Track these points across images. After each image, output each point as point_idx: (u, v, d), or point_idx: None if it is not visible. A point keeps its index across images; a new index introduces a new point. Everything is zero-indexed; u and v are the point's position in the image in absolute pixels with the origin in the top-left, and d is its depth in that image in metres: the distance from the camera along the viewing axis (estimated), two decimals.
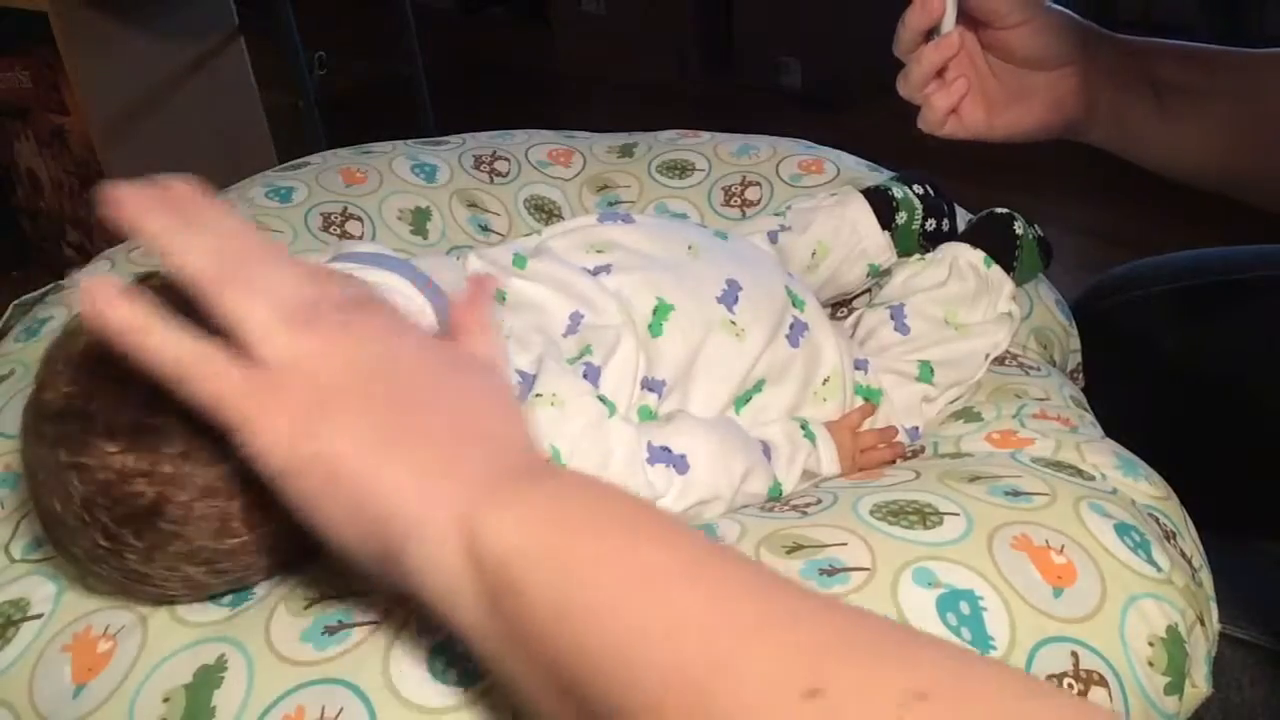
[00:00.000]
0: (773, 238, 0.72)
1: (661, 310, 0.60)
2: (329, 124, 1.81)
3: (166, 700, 0.44)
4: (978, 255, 0.70)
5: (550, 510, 0.36)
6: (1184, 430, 0.75)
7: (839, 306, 0.77)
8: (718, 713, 0.29)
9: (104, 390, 0.44)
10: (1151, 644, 0.47)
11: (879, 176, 0.80)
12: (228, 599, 0.49)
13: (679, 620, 0.32)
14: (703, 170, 0.84)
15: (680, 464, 0.54)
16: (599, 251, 0.63)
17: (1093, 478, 0.55)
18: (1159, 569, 0.49)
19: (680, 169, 0.84)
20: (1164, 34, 0.67)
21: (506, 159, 0.85)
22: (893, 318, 0.68)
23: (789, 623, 0.31)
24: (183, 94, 1.61)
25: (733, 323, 0.61)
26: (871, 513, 0.51)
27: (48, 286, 0.72)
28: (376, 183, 0.80)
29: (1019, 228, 0.73)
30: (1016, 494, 0.52)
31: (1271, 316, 0.78)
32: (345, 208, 0.78)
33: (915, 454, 0.63)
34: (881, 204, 0.73)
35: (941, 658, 0.30)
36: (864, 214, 0.73)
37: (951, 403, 0.67)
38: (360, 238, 0.77)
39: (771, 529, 0.50)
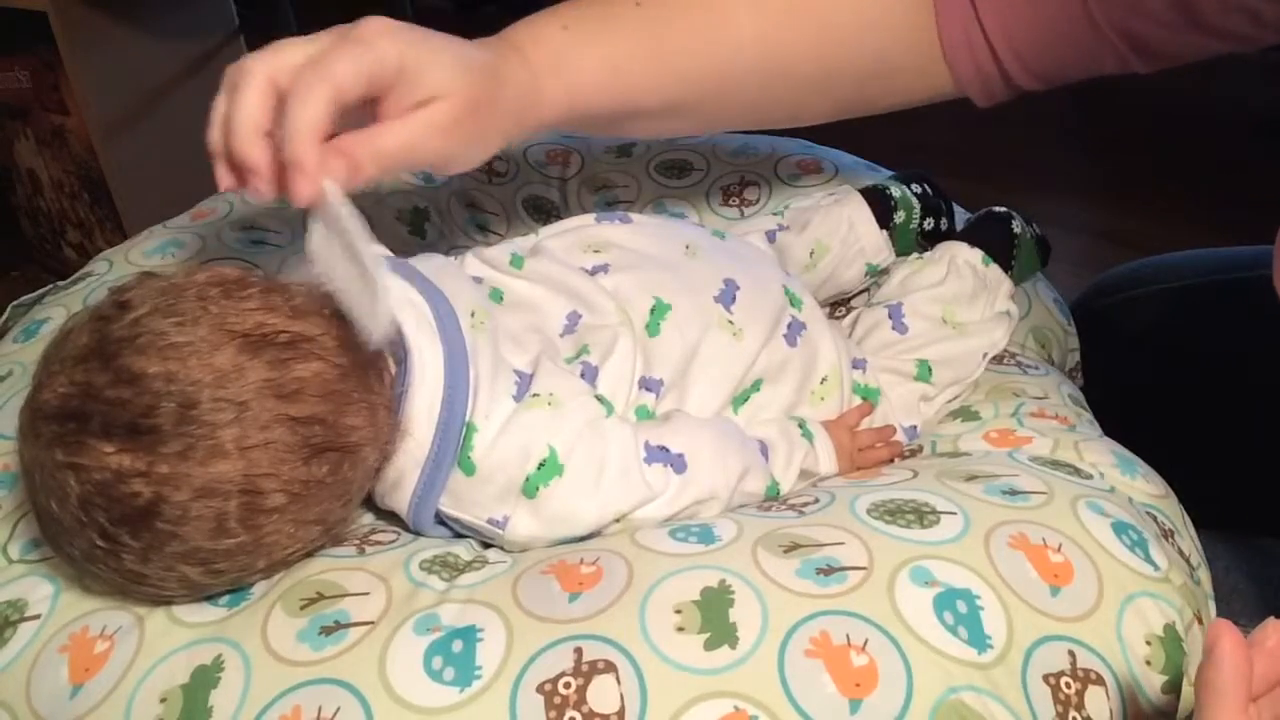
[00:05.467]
0: (771, 237, 0.72)
1: (659, 310, 0.60)
2: None
3: (163, 700, 0.44)
4: (976, 254, 0.70)
5: None
6: (1183, 429, 0.74)
7: (837, 306, 0.77)
8: None
9: (101, 391, 0.45)
10: (1149, 643, 0.47)
11: (877, 176, 0.80)
12: (225, 599, 0.49)
13: None
14: (701, 170, 0.83)
15: (678, 463, 0.54)
16: (596, 251, 0.63)
17: (1090, 476, 0.55)
18: (1156, 567, 0.49)
19: (678, 168, 0.84)
20: None
21: (504, 158, 0.85)
22: (891, 317, 0.68)
23: None
24: (183, 94, 1.60)
25: (730, 322, 0.61)
26: (869, 512, 0.51)
27: (46, 288, 0.72)
28: (374, 182, 0.80)
29: (1017, 226, 0.72)
30: (1014, 493, 0.52)
31: (1271, 317, 0.77)
32: None
33: (913, 453, 0.63)
34: (879, 203, 0.73)
35: None
36: (862, 213, 0.73)
37: (949, 402, 0.67)
38: None
39: (769, 528, 0.50)
